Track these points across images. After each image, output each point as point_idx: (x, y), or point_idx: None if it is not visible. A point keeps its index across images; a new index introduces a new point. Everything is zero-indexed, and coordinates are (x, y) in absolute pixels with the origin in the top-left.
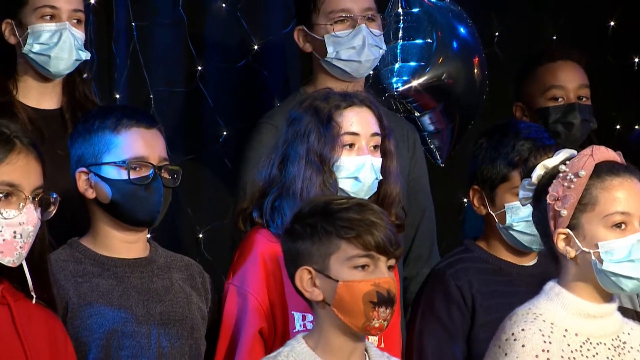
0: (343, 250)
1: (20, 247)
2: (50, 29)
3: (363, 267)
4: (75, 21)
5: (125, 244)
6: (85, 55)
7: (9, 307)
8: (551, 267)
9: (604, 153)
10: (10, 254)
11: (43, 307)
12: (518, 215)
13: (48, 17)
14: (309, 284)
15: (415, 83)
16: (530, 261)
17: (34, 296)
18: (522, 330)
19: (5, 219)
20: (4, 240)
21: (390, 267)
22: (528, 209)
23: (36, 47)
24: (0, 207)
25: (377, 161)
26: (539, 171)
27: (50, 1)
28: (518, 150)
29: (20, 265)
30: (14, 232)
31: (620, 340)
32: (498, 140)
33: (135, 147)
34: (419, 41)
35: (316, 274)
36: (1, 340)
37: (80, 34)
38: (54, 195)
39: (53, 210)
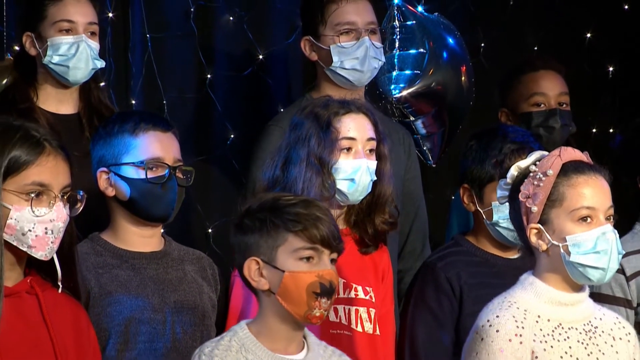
0: (290, 243)
1: (52, 242)
2: (68, 41)
3: (308, 259)
4: (90, 33)
5: (142, 239)
6: (100, 64)
7: (37, 297)
8: (530, 260)
9: (571, 153)
10: (42, 249)
11: (68, 296)
12: (504, 213)
13: (65, 30)
14: (256, 274)
15: (411, 90)
16: (515, 254)
17: (60, 286)
18: (497, 317)
19: (37, 216)
20: (36, 236)
21: (332, 260)
22: None
23: (56, 58)
24: (32, 206)
25: (372, 164)
26: (513, 172)
27: (68, 15)
28: (505, 152)
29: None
30: (46, 229)
31: (591, 325)
32: (487, 142)
33: (152, 148)
34: (413, 51)
35: (263, 264)
36: (30, 328)
37: (95, 45)
38: (81, 193)
39: (80, 207)
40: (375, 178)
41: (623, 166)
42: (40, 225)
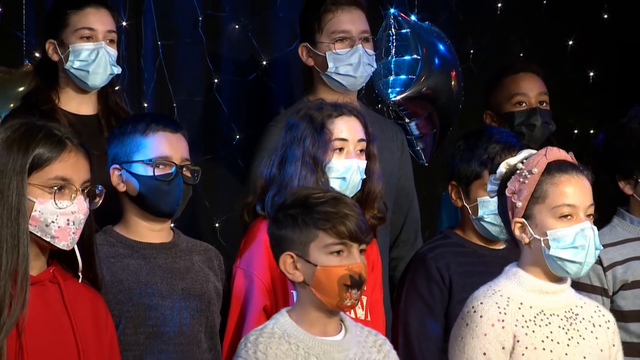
0: (320, 239)
1: (73, 233)
2: (89, 48)
3: (338, 252)
4: (109, 40)
5: (151, 231)
6: (117, 70)
7: (59, 287)
8: (517, 251)
9: (556, 153)
10: (65, 239)
11: (88, 286)
12: (488, 209)
13: (86, 37)
14: (291, 267)
15: (406, 93)
16: (500, 245)
17: (81, 276)
18: (481, 303)
19: (60, 208)
20: (59, 227)
21: (362, 251)
22: (496, 203)
23: (77, 64)
24: (55, 199)
25: (363, 163)
26: (502, 168)
27: (88, 24)
28: (489, 152)
29: (71, 248)
30: (68, 220)
31: (572, 312)
32: (473, 143)
33: (160, 148)
34: (407, 57)
35: (297, 258)
36: (52, 315)
37: (113, 52)
38: (100, 188)
39: (99, 201)
40: (365, 176)
41: (603, 165)
42: (63, 217)
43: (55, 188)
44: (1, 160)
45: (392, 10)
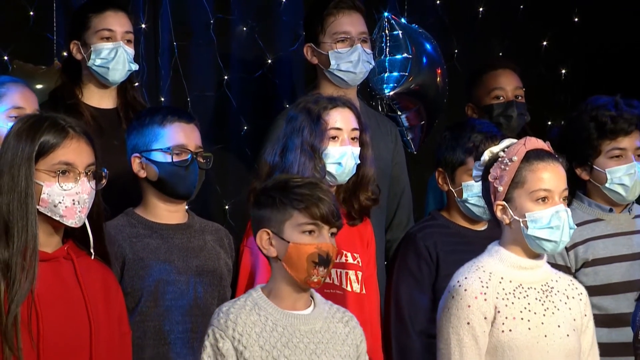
0: (295, 218)
1: (79, 212)
2: (108, 47)
3: (310, 232)
4: (126, 40)
5: (168, 213)
6: (134, 67)
7: (72, 262)
8: (496, 232)
9: (534, 143)
10: (72, 217)
11: (99, 262)
12: (472, 192)
13: (106, 38)
14: (266, 243)
15: (398, 89)
16: (482, 227)
17: (93, 253)
18: (465, 278)
19: (65, 190)
20: (66, 207)
21: (332, 234)
22: (479, 187)
23: (98, 61)
24: (60, 182)
25: (356, 150)
26: (485, 156)
27: (108, 25)
28: (473, 141)
29: (83, 227)
30: (73, 200)
31: (548, 286)
32: (458, 133)
33: (177, 137)
34: (399, 56)
35: (273, 235)
36: (66, 289)
37: (130, 50)
38: (105, 171)
39: (104, 182)
40: (359, 162)
41: (561, 154)
42: (68, 198)
43: (60, 172)
44: (12, 150)
45: (385, 14)
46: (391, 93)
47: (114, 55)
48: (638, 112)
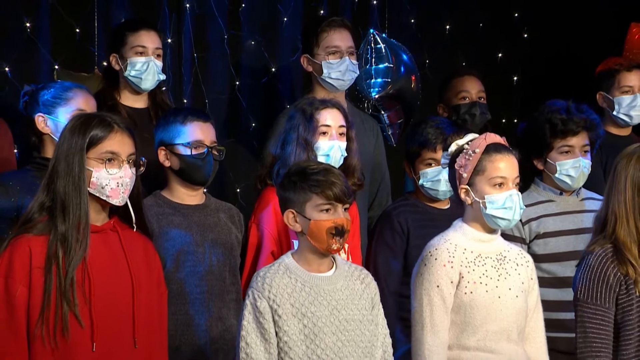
0: (313, 200)
1: (122, 192)
2: (142, 61)
3: (327, 210)
4: (157, 55)
5: (188, 196)
6: (162, 77)
7: (118, 234)
8: (458, 210)
9: (493, 137)
10: (116, 197)
11: (140, 234)
12: (426, 178)
13: (140, 53)
14: (292, 221)
15: (382, 93)
16: (445, 205)
17: (135, 227)
18: (436, 249)
19: (110, 174)
20: (111, 188)
21: (345, 209)
22: (433, 174)
23: (132, 73)
24: (106, 168)
25: (343, 144)
26: (452, 147)
27: (142, 42)
28: (425, 136)
29: (125, 205)
30: (117, 183)
31: (502, 256)
32: (414, 130)
33: (195, 133)
34: (382, 66)
35: (297, 214)
36: (113, 256)
37: (159, 63)
38: (143, 159)
39: (142, 169)
40: (346, 154)
41: (523, 147)
42: (114, 181)
43: (106, 160)
44: (68, 142)
45: (371, 30)
46: (377, 96)
47: (146, 67)
48: (586, 115)
